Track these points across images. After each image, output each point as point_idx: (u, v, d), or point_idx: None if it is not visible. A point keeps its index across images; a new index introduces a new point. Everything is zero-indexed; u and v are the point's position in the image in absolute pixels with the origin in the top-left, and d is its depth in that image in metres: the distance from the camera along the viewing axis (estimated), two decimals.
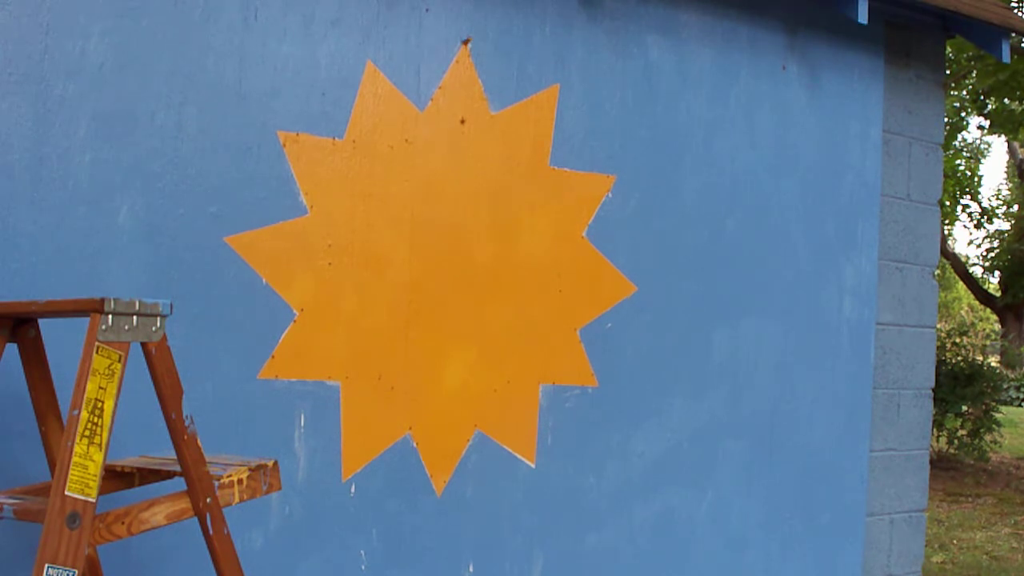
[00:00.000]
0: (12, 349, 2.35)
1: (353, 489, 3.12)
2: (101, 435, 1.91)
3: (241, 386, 2.94)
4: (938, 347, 11.50)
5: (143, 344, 2.03)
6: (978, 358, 11.87)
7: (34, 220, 2.66)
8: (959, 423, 11.25)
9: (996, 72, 10.62)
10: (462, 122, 3.33)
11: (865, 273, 4.27)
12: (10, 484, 2.53)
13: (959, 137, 18.19)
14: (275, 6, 3.01)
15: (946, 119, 14.30)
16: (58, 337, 2.47)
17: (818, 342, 4.14)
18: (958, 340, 11.99)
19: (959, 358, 11.46)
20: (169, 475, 2.36)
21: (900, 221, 4.39)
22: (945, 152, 10.33)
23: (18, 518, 1.95)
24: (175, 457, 2.23)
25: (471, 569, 3.34)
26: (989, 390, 11.12)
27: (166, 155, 2.84)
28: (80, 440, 1.87)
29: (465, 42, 3.34)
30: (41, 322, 2.38)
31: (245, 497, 2.28)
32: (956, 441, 11.21)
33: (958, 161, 18.44)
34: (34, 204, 2.66)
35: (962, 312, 29.28)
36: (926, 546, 6.71)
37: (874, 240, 4.29)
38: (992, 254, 19.83)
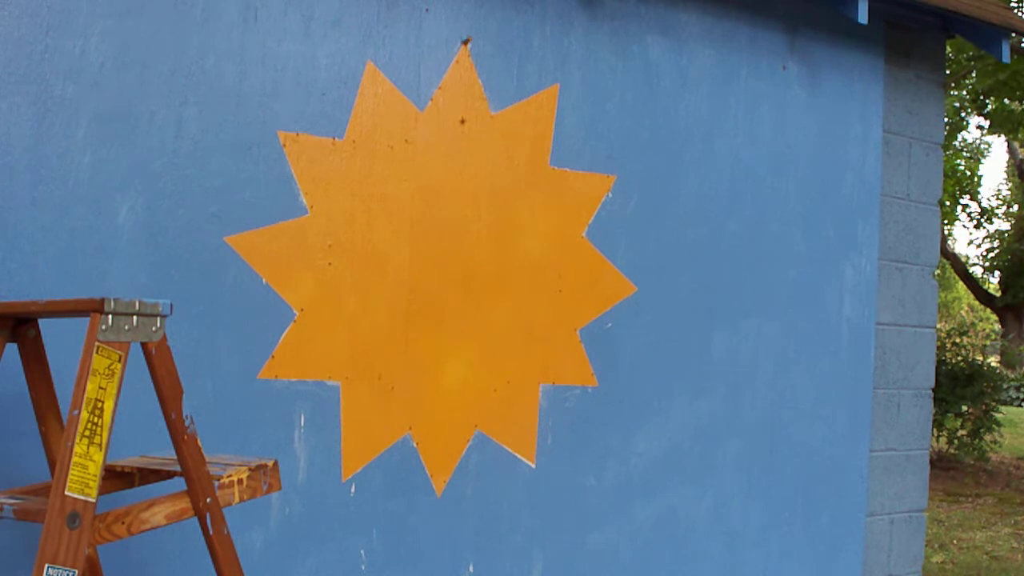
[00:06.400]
0: (12, 349, 2.35)
1: (353, 489, 3.12)
2: (101, 435, 1.91)
3: (241, 386, 2.94)
4: (938, 347, 11.50)
5: (143, 344, 2.03)
6: (978, 358, 11.87)
7: (34, 220, 2.66)
8: (959, 423, 11.25)
9: (996, 72, 10.62)
10: (462, 122, 3.33)
11: (865, 273, 4.27)
12: (10, 484, 2.53)
13: (959, 137, 18.19)
14: (275, 6, 3.01)
15: (946, 119, 14.30)
16: (58, 337, 2.47)
17: (818, 342, 4.14)
18: (958, 340, 11.98)
19: (959, 358, 11.46)
20: (169, 475, 2.36)
21: (900, 221, 4.39)
22: (945, 152, 10.33)
23: (18, 518, 1.95)
24: (175, 457, 2.23)
25: (471, 569, 3.34)
26: (989, 390, 11.12)
27: (166, 155, 2.84)
28: (80, 440, 1.87)
29: (465, 42, 3.34)
30: (41, 322, 2.38)
31: (245, 497, 2.28)
32: (956, 441, 11.21)
33: (958, 161, 18.43)
34: (34, 204, 2.66)
35: (962, 312, 29.27)
36: (926, 546, 6.71)
37: (874, 240, 4.29)
38: (992, 254, 19.83)
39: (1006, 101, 12.90)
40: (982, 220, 18.98)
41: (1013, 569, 6.70)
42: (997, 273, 19.42)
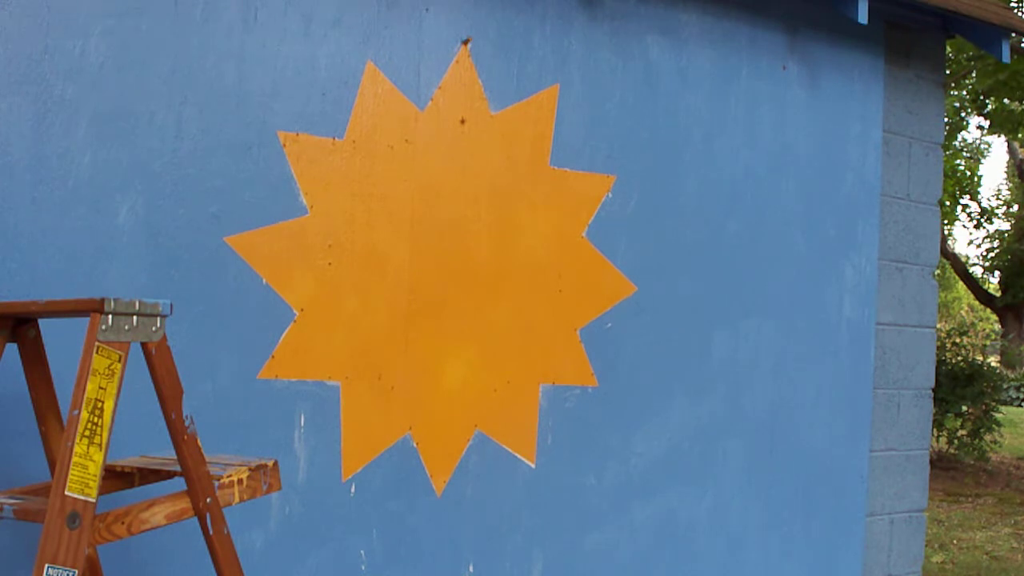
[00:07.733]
0: (12, 349, 2.35)
1: (353, 489, 3.12)
2: (101, 435, 1.91)
3: (241, 386, 2.94)
4: (938, 347, 11.50)
5: (143, 344, 2.03)
6: (978, 358, 11.86)
7: (34, 220, 2.66)
8: (959, 423, 11.25)
9: (996, 72, 10.63)
10: (462, 122, 3.33)
11: (865, 273, 4.27)
12: (10, 484, 2.53)
13: (959, 137, 18.20)
14: (275, 6, 3.01)
15: (946, 119, 14.31)
16: (58, 337, 2.47)
17: (818, 342, 4.13)
18: (958, 340, 11.98)
19: (959, 358, 11.46)
20: (169, 475, 2.36)
21: (900, 221, 4.39)
22: (945, 152, 10.34)
23: (18, 518, 1.95)
24: (175, 457, 2.23)
25: (471, 569, 3.34)
26: (989, 390, 11.12)
27: (166, 155, 2.84)
28: (80, 440, 1.87)
29: (465, 42, 3.34)
30: (41, 322, 2.38)
31: (245, 497, 2.28)
32: (956, 441, 11.21)
33: (958, 161, 18.45)
34: (34, 204, 2.66)
35: (962, 312, 29.26)
36: (926, 546, 6.71)
37: (874, 240, 4.29)
38: (992, 254, 19.84)
39: (1006, 101, 12.91)
40: (982, 220, 18.99)
41: (1013, 569, 6.71)
42: (997, 273, 19.43)
